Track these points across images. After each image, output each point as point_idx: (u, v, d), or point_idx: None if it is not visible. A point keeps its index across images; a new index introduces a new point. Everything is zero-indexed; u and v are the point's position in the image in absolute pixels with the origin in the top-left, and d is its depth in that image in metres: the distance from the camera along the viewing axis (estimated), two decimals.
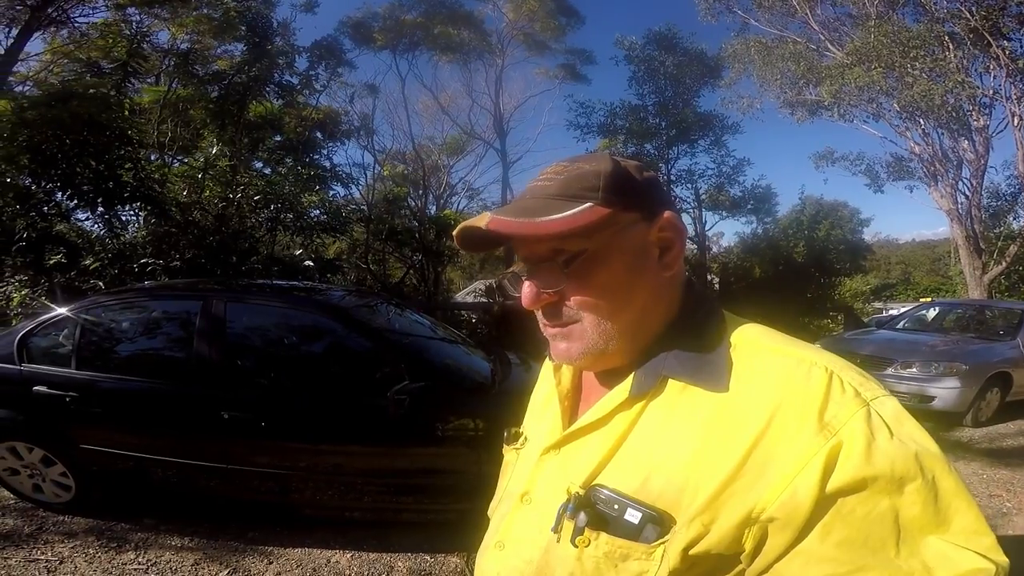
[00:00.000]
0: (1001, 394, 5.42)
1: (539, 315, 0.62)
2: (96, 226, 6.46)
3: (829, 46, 11.55)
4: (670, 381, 0.56)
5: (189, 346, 2.79)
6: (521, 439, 0.74)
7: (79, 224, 6.72)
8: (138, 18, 8.29)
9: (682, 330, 0.59)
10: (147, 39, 7.39)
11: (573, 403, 0.67)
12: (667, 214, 0.59)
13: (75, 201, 5.80)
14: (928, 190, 12.02)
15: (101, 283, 5.36)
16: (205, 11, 9.07)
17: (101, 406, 2.79)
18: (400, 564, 2.61)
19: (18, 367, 2.80)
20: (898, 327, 7.16)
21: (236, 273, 6.32)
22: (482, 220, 0.57)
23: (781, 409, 0.50)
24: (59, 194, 5.78)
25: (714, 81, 13.23)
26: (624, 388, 0.58)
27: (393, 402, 2.47)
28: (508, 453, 0.77)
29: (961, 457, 4.38)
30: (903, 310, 9.62)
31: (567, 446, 0.62)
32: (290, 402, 2.70)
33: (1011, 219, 13.07)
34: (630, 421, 0.57)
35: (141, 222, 6.54)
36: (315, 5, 11.58)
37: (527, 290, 0.59)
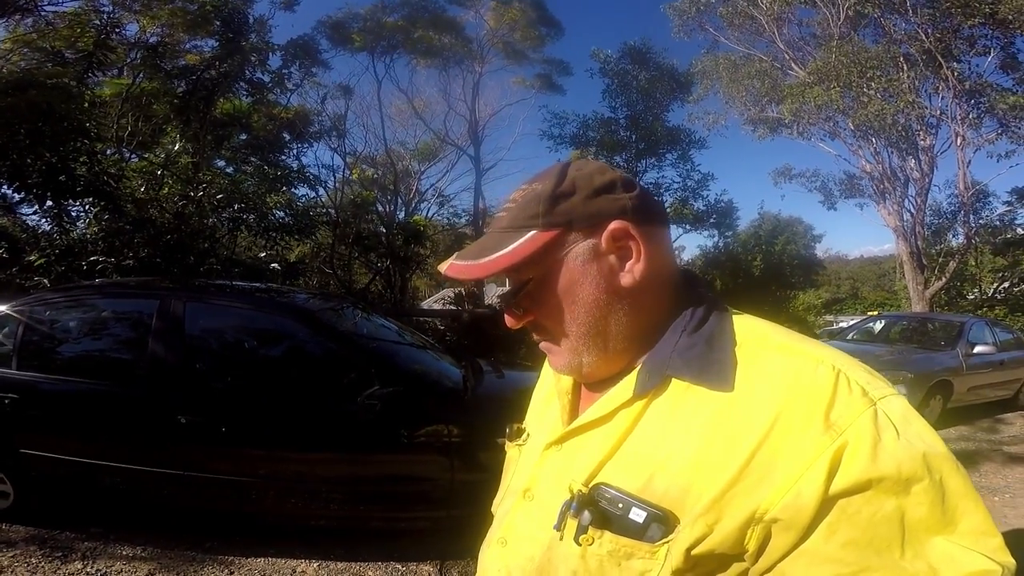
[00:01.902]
0: (943, 401, 5.74)
1: None
2: (43, 221, 6.14)
3: (793, 65, 12.09)
4: (674, 380, 0.56)
5: (144, 347, 2.70)
6: (524, 435, 0.73)
7: (23, 218, 6.38)
8: (109, 8, 7.94)
9: (683, 328, 0.58)
10: (116, 30, 7.08)
11: (575, 399, 0.67)
12: (615, 224, 0.57)
13: (22, 194, 5.49)
14: (877, 207, 12.66)
15: (46, 280, 5.07)
16: (180, 4, 8.77)
17: (44, 409, 2.68)
18: (370, 573, 2.55)
19: None
20: (847, 339, 7.51)
21: (194, 274, 6.09)
22: (443, 266, 0.61)
23: (787, 409, 0.49)
24: (5, 187, 5.47)
25: (683, 96, 13.62)
26: (627, 387, 0.57)
27: (364, 407, 2.43)
28: (511, 449, 0.76)
29: None
30: (851, 323, 10.09)
31: (569, 442, 0.61)
32: (254, 407, 2.62)
33: (951, 236, 13.92)
34: (633, 419, 0.56)
35: (92, 218, 6.23)
36: (295, 3, 11.34)
37: (507, 317, 0.63)
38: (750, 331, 0.58)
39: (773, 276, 12.65)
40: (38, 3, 7.56)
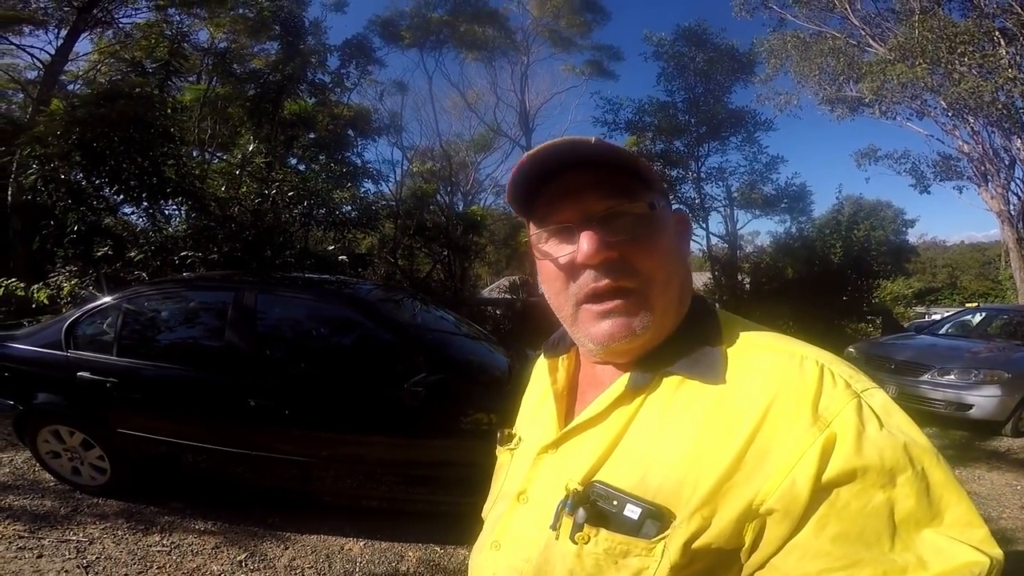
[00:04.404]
0: None
1: (581, 288, 0.57)
2: (141, 220, 6.74)
3: (871, 42, 11.13)
4: (667, 376, 0.57)
5: (221, 335, 2.89)
6: (515, 440, 0.73)
7: (125, 218, 7.02)
8: (178, 18, 8.66)
9: (680, 327, 0.60)
10: (187, 39, 7.66)
11: (569, 402, 0.67)
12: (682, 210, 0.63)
13: (122, 196, 6.07)
14: (978, 190, 11.48)
15: (145, 274, 5.61)
16: (241, 11, 9.38)
17: (138, 392, 2.90)
18: (410, 553, 2.68)
19: (64, 353, 2.95)
20: (939, 333, 6.88)
21: (271, 266, 6.52)
22: (589, 138, 0.55)
23: (776, 401, 0.50)
24: (107, 189, 6.03)
25: (747, 77, 12.86)
26: (621, 382, 0.58)
27: (409, 394, 2.51)
28: (501, 454, 0.76)
29: (996, 467, 4.21)
30: (946, 315, 9.22)
31: (565, 445, 0.62)
32: (313, 391, 2.77)
33: None
34: (628, 417, 0.57)
35: (183, 216, 6.80)
36: (345, 4, 11.84)
37: (591, 241, 0.54)
38: (738, 332, 0.59)
39: (854, 263, 11.74)
40: (115, 16, 8.28)
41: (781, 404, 0.50)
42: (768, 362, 0.54)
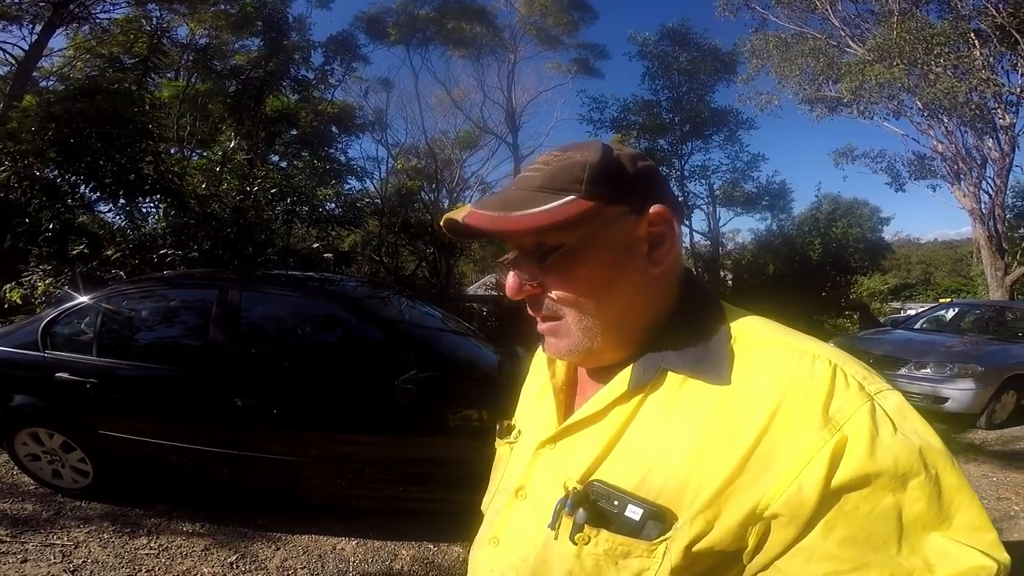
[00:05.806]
0: (1017, 396, 5.33)
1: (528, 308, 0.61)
2: (118, 218, 6.60)
3: (850, 42, 11.35)
4: (669, 374, 0.55)
5: (205, 334, 2.84)
6: (514, 432, 0.72)
7: (101, 216, 6.86)
8: (158, 13, 8.48)
9: (681, 323, 0.58)
10: (167, 34, 7.51)
11: (568, 396, 0.66)
12: (657, 207, 0.56)
13: (98, 193, 5.93)
14: (951, 189, 11.79)
15: (122, 273, 5.48)
16: (223, 7, 9.21)
17: (120, 392, 2.83)
18: (404, 552, 2.67)
19: (42, 354, 2.87)
20: (915, 327, 7.06)
21: (253, 264, 6.42)
22: (461, 213, 0.57)
23: (785, 402, 0.49)
24: (83, 186, 5.89)
25: (729, 77, 13.11)
26: (622, 381, 0.57)
27: (400, 391, 2.50)
28: (501, 447, 0.74)
29: (972, 459, 4.33)
30: (920, 310, 9.47)
31: (563, 440, 0.61)
32: (301, 390, 2.73)
33: None
34: (628, 415, 0.56)
35: (161, 214, 6.67)
36: (330, 0, 11.67)
37: (510, 280, 0.58)
38: (744, 326, 0.57)
39: (833, 260, 11.99)
40: (92, 11, 8.08)
41: (790, 405, 0.49)
42: (777, 360, 0.52)
